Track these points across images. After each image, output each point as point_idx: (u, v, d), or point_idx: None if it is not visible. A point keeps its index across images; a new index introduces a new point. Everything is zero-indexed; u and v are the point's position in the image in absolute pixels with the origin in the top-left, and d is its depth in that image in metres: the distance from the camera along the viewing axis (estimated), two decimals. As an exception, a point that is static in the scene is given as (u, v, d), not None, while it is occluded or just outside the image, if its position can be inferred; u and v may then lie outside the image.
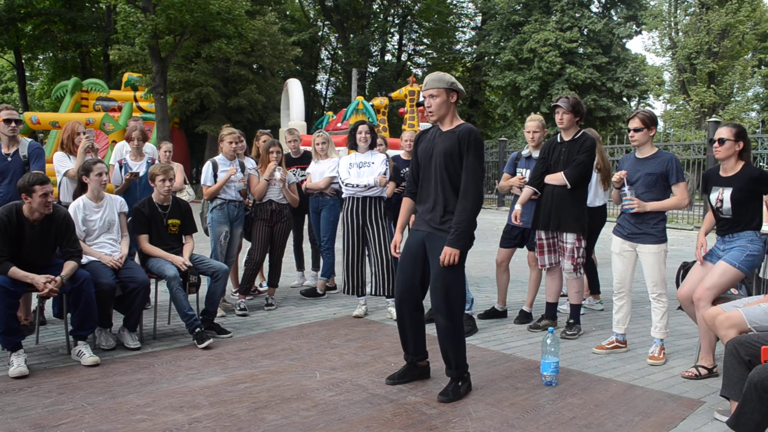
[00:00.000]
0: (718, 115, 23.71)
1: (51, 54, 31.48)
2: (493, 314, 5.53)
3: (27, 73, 32.83)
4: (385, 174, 5.45)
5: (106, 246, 4.61)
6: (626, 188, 4.28)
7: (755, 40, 30.46)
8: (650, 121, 4.29)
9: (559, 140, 4.84)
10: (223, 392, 3.60)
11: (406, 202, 3.94)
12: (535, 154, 5.27)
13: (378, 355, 4.38)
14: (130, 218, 4.91)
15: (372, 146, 5.62)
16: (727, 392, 3.01)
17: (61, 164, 5.21)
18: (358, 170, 5.46)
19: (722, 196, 3.94)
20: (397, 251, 3.86)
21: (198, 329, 4.56)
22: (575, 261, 4.77)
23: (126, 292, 4.44)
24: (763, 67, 33.76)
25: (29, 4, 26.02)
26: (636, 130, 4.29)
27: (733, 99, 30.68)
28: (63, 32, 28.47)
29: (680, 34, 28.30)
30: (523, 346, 4.69)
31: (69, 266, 4.08)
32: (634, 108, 28.32)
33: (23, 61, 30.23)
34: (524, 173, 5.28)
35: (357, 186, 5.39)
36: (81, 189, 4.72)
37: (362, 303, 5.61)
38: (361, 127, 5.58)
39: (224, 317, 5.39)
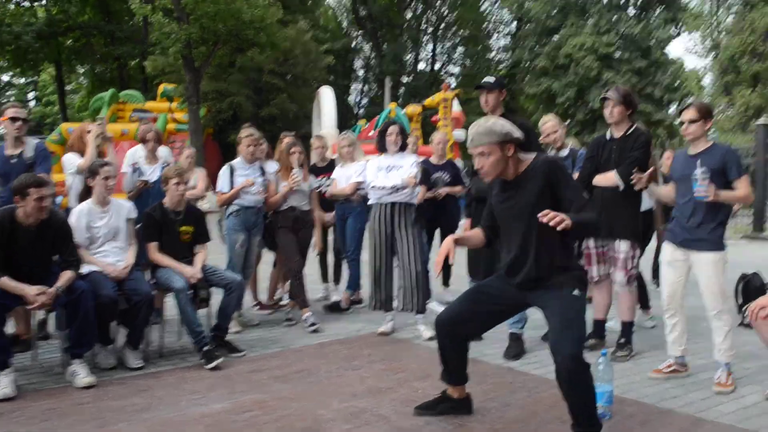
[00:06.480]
0: (765, 117, 22.76)
1: (90, 67, 32.07)
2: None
3: (67, 87, 33.48)
4: (415, 176, 4.98)
5: (110, 255, 4.26)
6: (698, 171, 3.67)
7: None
8: (707, 112, 3.82)
9: (608, 137, 4.34)
10: (225, 422, 3.19)
11: (477, 232, 3.29)
12: (562, 153, 5.00)
13: (404, 379, 3.91)
14: (139, 225, 4.56)
15: (402, 149, 5.18)
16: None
17: (71, 165, 4.95)
18: (386, 174, 5.02)
19: None
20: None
21: (206, 347, 4.16)
22: (628, 272, 4.26)
23: (130, 305, 4.08)
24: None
25: (70, 18, 26.54)
26: (692, 122, 3.80)
27: (780, 101, 29.56)
28: (102, 45, 28.98)
29: (723, 34, 27.43)
30: (569, 369, 4.16)
31: (65, 276, 3.74)
32: (673, 112, 27.46)
33: (63, 74, 30.85)
34: None
35: (383, 188, 4.95)
36: (86, 192, 4.40)
37: (389, 319, 5.14)
38: (391, 128, 5.12)
39: (239, 333, 4.99)
